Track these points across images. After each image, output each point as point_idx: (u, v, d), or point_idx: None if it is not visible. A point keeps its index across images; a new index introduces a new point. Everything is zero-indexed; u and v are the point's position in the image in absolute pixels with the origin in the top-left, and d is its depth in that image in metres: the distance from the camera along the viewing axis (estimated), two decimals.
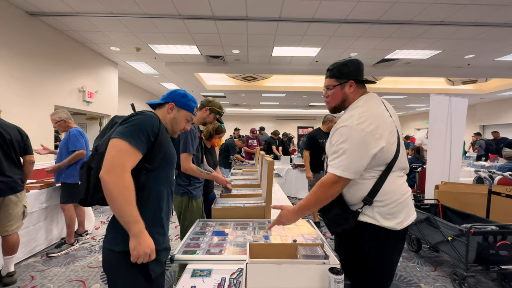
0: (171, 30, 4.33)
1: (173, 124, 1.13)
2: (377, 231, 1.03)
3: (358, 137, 0.99)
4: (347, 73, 1.13)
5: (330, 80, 1.17)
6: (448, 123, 3.74)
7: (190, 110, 1.16)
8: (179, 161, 1.81)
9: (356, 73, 1.13)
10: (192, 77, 7.25)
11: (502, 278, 2.25)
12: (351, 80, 1.12)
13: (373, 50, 5.20)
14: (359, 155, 0.99)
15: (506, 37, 4.51)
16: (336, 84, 1.15)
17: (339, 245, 1.21)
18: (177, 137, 1.82)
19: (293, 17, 3.90)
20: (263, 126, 8.00)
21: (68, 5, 3.57)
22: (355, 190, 1.06)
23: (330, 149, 1.08)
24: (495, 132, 7.76)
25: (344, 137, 1.01)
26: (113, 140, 0.89)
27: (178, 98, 1.14)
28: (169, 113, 1.12)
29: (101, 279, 2.37)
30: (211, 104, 2.02)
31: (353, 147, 0.99)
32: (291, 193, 5.41)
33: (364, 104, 1.09)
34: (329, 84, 1.17)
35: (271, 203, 1.77)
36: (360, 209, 1.05)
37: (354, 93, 1.13)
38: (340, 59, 1.18)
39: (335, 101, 1.17)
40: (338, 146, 1.02)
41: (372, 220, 1.04)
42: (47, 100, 4.24)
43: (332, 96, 1.17)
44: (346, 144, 1.00)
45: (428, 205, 2.97)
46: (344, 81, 1.13)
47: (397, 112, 14.75)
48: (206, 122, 2.07)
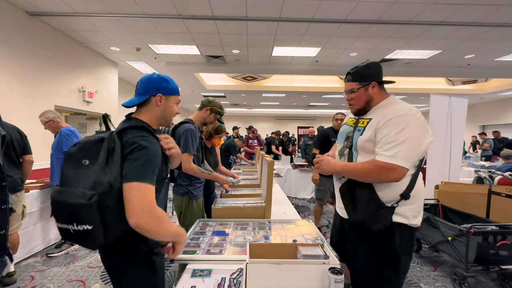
0: (171, 30, 4.33)
1: (166, 115, 1.05)
2: (406, 229, 1.07)
3: (418, 126, 1.02)
4: (369, 74, 1.16)
5: (353, 83, 1.19)
6: (448, 123, 3.74)
7: (176, 93, 1.07)
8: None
9: (378, 74, 1.17)
10: (192, 77, 7.25)
11: (502, 278, 2.25)
12: (373, 81, 1.15)
13: (373, 50, 5.20)
14: (418, 145, 1.01)
15: (506, 37, 4.51)
16: (359, 87, 1.17)
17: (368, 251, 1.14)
18: (178, 137, 1.83)
19: (293, 17, 3.90)
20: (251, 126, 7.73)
21: (68, 5, 3.57)
22: (395, 185, 1.05)
23: (383, 139, 1.05)
24: (496, 132, 7.78)
25: (403, 125, 1.01)
26: (131, 184, 0.80)
27: (161, 85, 1.01)
28: (159, 105, 1.01)
29: (101, 279, 2.37)
30: (211, 104, 1.99)
31: (414, 136, 1.00)
32: (291, 193, 5.41)
33: (400, 101, 1.13)
34: (352, 87, 1.19)
35: (271, 203, 1.77)
36: (396, 203, 1.05)
37: (377, 94, 1.17)
38: (360, 64, 1.20)
39: (359, 103, 1.19)
40: (398, 135, 1.01)
41: (404, 220, 1.06)
42: (47, 100, 4.24)
43: (356, 98, 1.19)
44: (406, 133, 1.00)
45: (428, 205, 2.96)
46: (367, 83, 1.15)
47: None
48: (207, 122, 2.05)
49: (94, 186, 0.78)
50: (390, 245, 1.07)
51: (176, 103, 1.08)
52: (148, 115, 1.02)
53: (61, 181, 0.83)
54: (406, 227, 1.06)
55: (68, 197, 0.77)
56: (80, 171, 0.83)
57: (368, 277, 1.12)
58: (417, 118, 1.03)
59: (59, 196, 0.79)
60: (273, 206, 1.81)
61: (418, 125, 1.02)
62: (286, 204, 2.31)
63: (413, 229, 1.08)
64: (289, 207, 2.21)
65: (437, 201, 3.00)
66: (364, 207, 1.09)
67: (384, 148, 1.03)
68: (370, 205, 1.08)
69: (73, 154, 0.87)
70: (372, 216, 1.07)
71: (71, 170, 0.84)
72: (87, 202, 0.75)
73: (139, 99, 1.00)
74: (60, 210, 0.80)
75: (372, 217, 1.07)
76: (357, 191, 1.12)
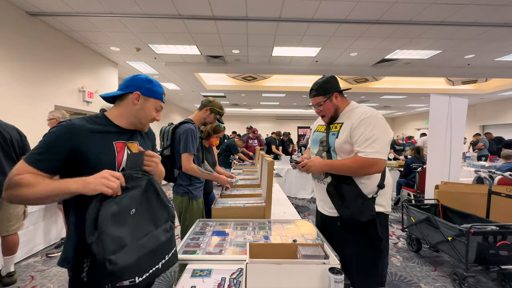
0: (171, 30, 4.33)
1: (141, 117, 0.98)
2: (383, 217, 1.27)
3: (383, 124, 1.22)
4: (330, 87, 1.35)
5: (318, 98, 1.37)
6: (448, 123, 3.74)
7: (159, 98, 1.01)
8: (180, 161, 1.81)
9: (337, 86, 1.37)
10: (192, 77, 7.25)
11: (502, 278, 2.25)
12: (335, 92, 1.34)
13: (373, 50, 5.20)
14: (387, 139, 1.21)
15: (506, 37, 4.51)
16: (325, 99, 1.35)
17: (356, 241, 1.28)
18: (178, 137, 1.83)
19: (293, 17, 3.90)
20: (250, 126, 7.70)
21: (68, 5, 3.57)
22: (373, 178, 1.26)
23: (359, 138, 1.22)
24: (488, 133, 8.09)
25: (372, 125, 1.20)
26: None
27: (143, 84, 0.97)
28: (135, 104, 0.96)
29: None
30: (211, 104, 1.99)
31: (382, 132, 1.20)
32: (291, 193, 5.41)
33: (360, 105, 1.32)
34: (318, 101, 1.37)
35: (271, 203, 1.77)
36: (375, 194, 1.25)
37: (341, 101, 1.36)
38: (319, 79, 1.38)
39: (329, 112, 1.37)
40: (371, 133, 1.19)
41: (383, 209, 1.26)
42: (47, 100, 4.24)
43: (325, 109, 1.37)
44: (377, 130, 1.19)
45: (428, 205, 2.97)
46: (330, 95, 1.34)
47: (397, 112, 14.76)
48: (207, 123, 2.05)
49: None
50: (374, 232, 1.24)
51: (156, 108, 1.02)
52: (119, 110, 0.97)
53: None
54: (383, 215, 1.27)
55: None
56: None
57: (359, 264, 1.26)
58: (380, 117, 1.23)
59: None
60: (273, 206, 1.81)
61: (383, 123, 1.22)
62: (286, 204, 2.31)
63: (387, 216, 1.30)
64: (289, 207, 2.21)
65: (437, 201, 3.00)
66: (352, 202, 1.24)
67: (363, 146, 1.20)
68: (357, 199, 1.24)
69: None
70: (360, 209, 1.22)
71: None
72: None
73: (117, 92, 0.97)
74: None
75: (360, 210, 1.22)
76: (343, 188, 1.27)
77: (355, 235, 1.27)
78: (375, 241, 1.25)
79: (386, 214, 1.28)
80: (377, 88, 8.65)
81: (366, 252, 1.25)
